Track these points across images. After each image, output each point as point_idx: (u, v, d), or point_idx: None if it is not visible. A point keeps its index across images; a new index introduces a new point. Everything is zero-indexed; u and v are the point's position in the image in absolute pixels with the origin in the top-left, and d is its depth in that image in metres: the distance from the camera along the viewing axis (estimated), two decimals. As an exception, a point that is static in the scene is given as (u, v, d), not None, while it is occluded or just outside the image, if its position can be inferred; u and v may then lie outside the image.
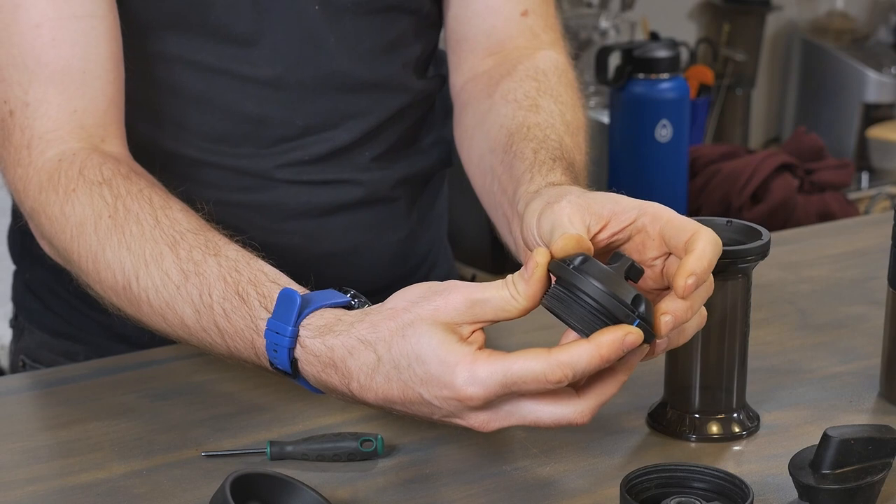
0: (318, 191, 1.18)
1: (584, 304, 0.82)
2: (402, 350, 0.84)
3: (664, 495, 0.84)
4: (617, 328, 0.81)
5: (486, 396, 0.82)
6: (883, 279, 1.03)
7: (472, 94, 1.19)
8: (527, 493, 0.91)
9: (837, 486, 0.85)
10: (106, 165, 1.00)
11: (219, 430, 0.99)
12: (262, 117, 1.14)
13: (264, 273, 0.92)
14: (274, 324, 0.88)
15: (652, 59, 3.03)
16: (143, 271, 0.95)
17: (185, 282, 0.93)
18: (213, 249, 0.94)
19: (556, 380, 0.81)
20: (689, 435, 0.98)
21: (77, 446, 0.97)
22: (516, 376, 0.81)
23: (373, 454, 0.94)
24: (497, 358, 0.82)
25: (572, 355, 0.81)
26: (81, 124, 1.03)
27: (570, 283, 0.82)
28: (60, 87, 1.02)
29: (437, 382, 0.83)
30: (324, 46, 1.13)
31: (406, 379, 0.84)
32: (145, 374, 1.09)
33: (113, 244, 0.96)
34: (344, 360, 0.86)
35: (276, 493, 0.84)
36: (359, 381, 0.86)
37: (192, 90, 1.12)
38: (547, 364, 0.81)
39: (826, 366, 1.10)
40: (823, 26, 3.88)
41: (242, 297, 0.91)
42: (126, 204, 0.97)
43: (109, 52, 1.04)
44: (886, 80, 3.68)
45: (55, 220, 1.00)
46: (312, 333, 0.88)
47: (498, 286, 0.84)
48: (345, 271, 1.21)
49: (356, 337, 0.86)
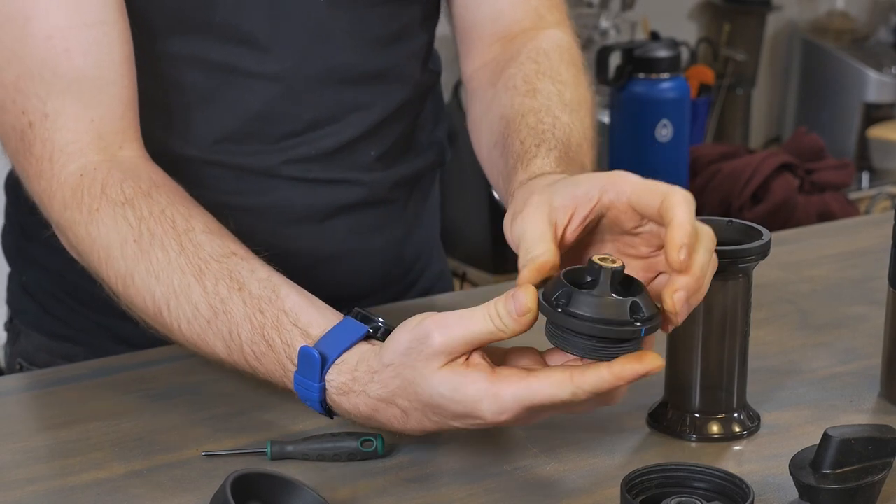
0: (322, 191, 1.18)
1: (586, 339, 0.83)
2: (420, 402, 0.87)
3: (664, 495, 0.84)
4: (636, 359, 0.83)
5: (514, 419, 0.86)
6: (883, 279, 1.03)
7: (479, 83, 1.20)
8: (527, 493, 0.91)
9: (838, 485, 0.85)
10: (127, 182, 1.02)
11: (219, 430, 0.99)
12: (269, 113, 1.14)
13: (285, 313, 0.94)
14: (300, 380, 0.92)
15: (652, 58, 3.03)
16: (173, 302, 0.98)
17: (214, 318, 0.96)
18: (237, 283, 0.96)
19: (578, 403, 0.85)
20: (690, 435, 0.98)
21: (77, 446, 0.97)
22: (540, 401, 0.84)
23: (373, 454, 0.94)
24: (517, 381, 0.84)
25: (595, 384, 0.83)
26: (100, 134, 1.04)
27: (564, 327, 0.83)
28: (77, 97, 1.03)
29: (468, 417, 0.86)
30: (331, 38, 1.13)
31: (437, 420, 0.88)
32: (145, 374, 1.09)
33: (141, 272, 0.99)
34: (372, 415, 0.91)
35: (276, 493, 0.84)
36: (393, 426, 0.91)
37: (199, 89, 1.12)
38: (571, 392, 0.83)
39: (826, 366, 1.10)
40: (824, 26, 3.88)
41: (269, 343, 0.94)
42: (150, 227, 0.99)
43: (122, 56, 1.05)
44: (887, 80, 3.68)
45: (82, 240, 1.02)
46: (336, 391, 0.92)
47: (481, 319, 0.85)
48: (343, 273, 1.21)
49: (374, 398, 0.90)
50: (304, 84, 1.14)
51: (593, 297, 0.82)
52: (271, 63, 1.12)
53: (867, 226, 1.56)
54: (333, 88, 1.15)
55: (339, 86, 1.16)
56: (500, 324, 0.84)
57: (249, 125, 1.14)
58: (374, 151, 1.20)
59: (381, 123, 1.20)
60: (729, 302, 0.96)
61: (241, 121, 1.14)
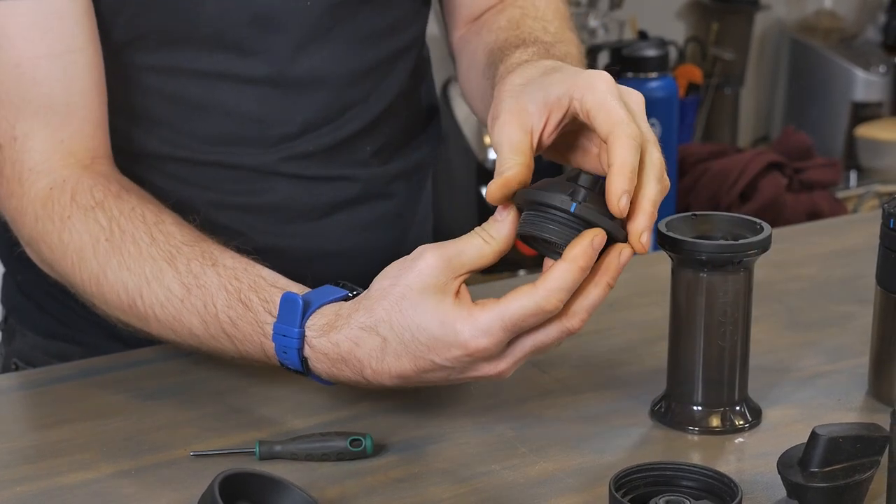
0: (319, 188, 1.18)
1: (544, 214, 0.87)
2: (402, 324, 0.88)
3: (653, 494, 0.84)
4: (582, 237, 0.86)
5: (493, 343, 0.87)
6: (871, 278, 1.03)
7: (466, 40, 1.22)
8: (516, 493, 0.91)
9: (826, 484, 0.85)
10: (96, 188, 1.03)
11: (207, 430, 0.99)
12: (262, 116, 1.14)
13: (262, 278, 0.96)
14: (280, 327, 0.93)
15: (640, 58, 3.03)
16: (145, 289, 0.99)
17: (188, 294, 0.97)
18: (211, 260, 0.98)
19: (553, 307, 0.87)
20: (692, 428, 0.98)
21: (65, 446, 0.97)
22: (516, 316, 0.86)
23: (362, 453, 0.94)
24: (491, 305, 0.87)
25: (557, 278, 0.86)
26: (69, 151, 1.05)
27: (528, 200, 0.88)
28: (45, 121, 1.04)
29: (444, 344, 0.88)
30: (321, 38, 1.13)
31: (414, 351, 0.89)
32: (134, 373, 1.09)
33: (113, 266, 1.00)
34: (351, 351, 0.91)
35: (265, 492, 0.84)
36: (371, 367, 0.91)
37: (190, 97, 1.12)
38: (540, 296, 0.86)
39: (815, 364, 1.10)
40: (812, 25, 3.88)
41: (246, 304, 0.95)
42: (121, 225, 1.00)
43: (92, 82, 1.06)
44: (874, 79, 3.69)
45: (55, 248, 1.03)
46: (317, 333, 0.92)
47: (468, 237, 0.89)
48: (341, 271, 1.21)
49: (357, 326, 0.90)
50: (295, 85, 1.14)
51: (557, 180, 0.89)
52: (260, 67, 1.12)
53: (855, 225, 1.56)
54: (326, 88, 1.15)
55: (332, 85, 1.15)
56: (487, 235, 0.89)
57: (243, 129, 1.14)
58: (370, 147, 1.20)
59: (377, 119, 1.20)
60: (731, 296, 0.96)
61: (234, 125, 1.14)
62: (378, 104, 1.19)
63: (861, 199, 3.39)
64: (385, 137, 1.21)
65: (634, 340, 1.14)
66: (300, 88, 1.14)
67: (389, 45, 1.18)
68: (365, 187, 1.21)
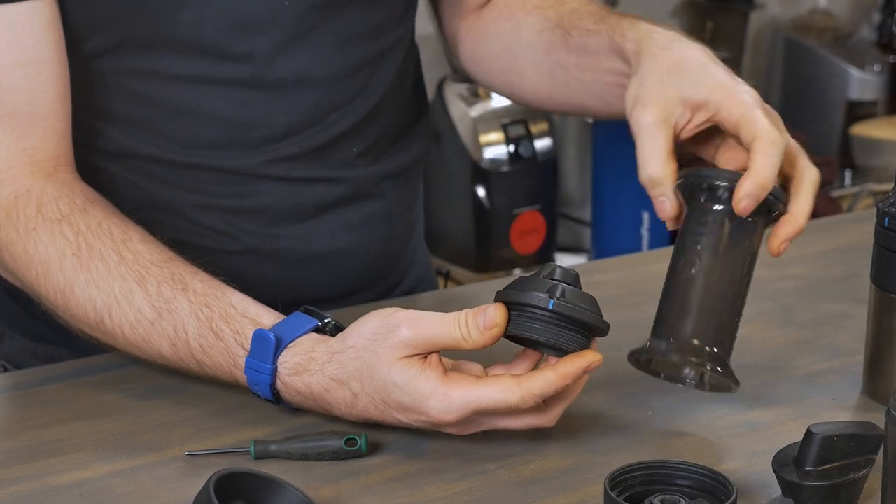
0: (306, 190, 1.18)
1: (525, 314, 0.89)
2: (372, 387, 0.92)
3: (648, 493, 0.84)
4: (577, 356, 0.90)
5: (459, 420, 0.91)
6: (866, 277, 1.03)
7: (485, 23, 1.24)
8: (511, 492, 0.91)
9: (820, 482, 0.85)
10: (62, 199, 1.04)
11: (202, 429, 0.99)
12: (246, 119, 1.14)
13: (233, 306, 0.99)
14: (252, 363, 0.96)
15: (635, 56, 3.02)
16: (115, 308, 1.01)
17: (158, 318, 0.99)
18: (181, 284, 1.00)
19: (527, 407, 0.90)
20: (662, 374, 1.00)
21: (59, 446, 0.97)
22: (489, 405, 0.90)
23: (357, 453, 0.94)
24: (467, 385, 0.90)
25: (541, 386, 0.89)
26: (32, 160, 1.06)
27: (515, 302, 0.90)
28: (9, 129, 1.05)
29: (414, 411, 0.91)
30: (304, 39, 1.12)
31: (383, 409, 0.93)
32: (128, 373, 1.08)
33: (81, 283, 1.01)
34: (322, 395, 0.95)
35: (260, 492, 0.84)
36: (340, 410, 0.95)
37: (171, 102, 1.12)
38: (518, 397, 0.89)
39: (809, 363, 1.10)
40: (806, 24, 3.88)
41: (217, 334, 0.98)
42: (88, 241, 1.02)
43: (56, 93, 1.07)
44: (869, 78, 3.69)
45: (19, 258, 1.04)
46: (290, 371, 0.95)
47: (449, 324, 0.90)
48: (329, 272, 1.21)
49: (329, 377, 0.94)
50: (278, 87, 1.13)
51: (532, 278, 0.91)
52: (240, 70, 1.11)
53: (850, 223, 1.56)
54: (310, 89, 1.15)
55: (316, 86, 1.15)
56: (466, 333, 0.90)
57: (227, 132, 1.14)
58: (357, 148, 1.20)
59: (363, 120, 1.19)
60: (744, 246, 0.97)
61: (217, 128, 1.13)
62: (364, 105, 1.18)
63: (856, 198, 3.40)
64: (372, 138, 1.21)
65: (630, 339, 1.14)
66: (283, 90, 1.13)
67: (374, 45, 1.18)
68: (353, 188, 1.20)
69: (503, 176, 2.45)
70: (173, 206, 1.13)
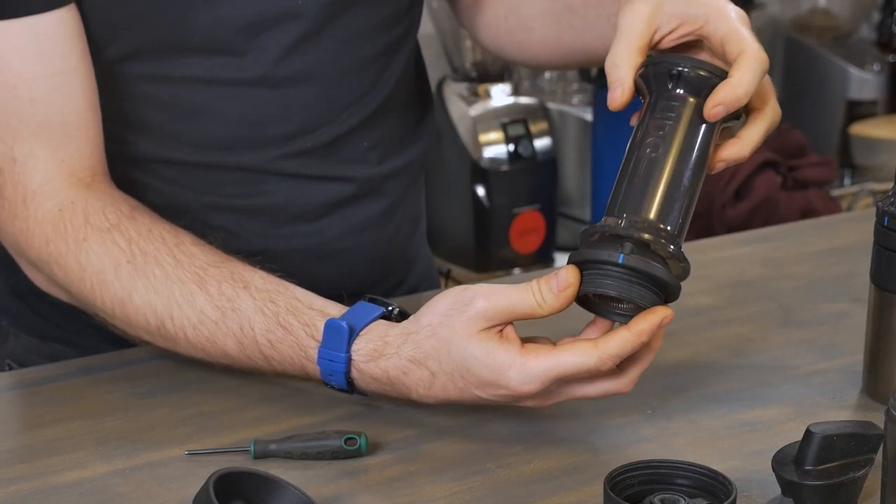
0: (315, 188, 1.18)
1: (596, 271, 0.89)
2: (451, 364, 0.91)
3: (648, 492, 0.84)
4: (654, 312, 0.89)
5: (539, 390, 0.90)
6: (865, 276, 1.03)
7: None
8: (511, 491, 0.91)
9: (820, 482, 0.85)
10: (108, 209, 1.04)
11: (202, 429, 0.99)
12: (258, 118, 1.14)
13: (298, 300, 0.99)
14: (326, 352, 0.96)
15: (635, 56, 3.02)
16: (176, 311, 1.00)
17: (222, 318, 0.99)
18: (242, 281, 1.00)
19: (606, 370, 0.90)
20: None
21: (59, 445, 0.97)
22: (569, 371, 0.90)
23: (357, 452, 0.94)
24: (545, 353, 0.90)
25: (618, 346, 0.89)
26: (70, 171, 1.06)
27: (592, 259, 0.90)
28: (44, 141, 1.05)
29: (494, 385, 0.91)
30: (314, 37, 1.13)
31: (462, 386, 0.92)
32: (128, 372, 1.08)
33: (139, 290, 1.01)
34: (399, 378, 0.94)
35: (259, 491, 0.84)
36: (418, 392, 0.95)
37: (183, 103, 1.12)
38: (596, 359, 0.89)
39: (809, 362, 1.11)
40: (806, 24, 3.89)
41: (286, 328, 0.98)
42: (141, 247, 1.02)
43: (86, 101, 1.07)
44: (869, 78, 3.69)
45: (71, 270, 1.04)
46: (365, 358, 0.95)
47: (523, 292, 0.91)
48: (336, 271, 1.21)
49: (406, 358, 0.94)
50: (289, 85, 1.13)
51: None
52: (252, 69, 1.11)
53: (849, 223, 1.56)
54: (321, 86, 1.15)
55: (326, 82, 1.15)
56: (541, 298, 0.90)
57: (238, 131, 1.14)
58: (367, 142, 1.20)
59: (373, 114, 1.19)
60: (706, 138, 0.95)
61: (228, 128, 1.14)
62: (374, 100, 1.19)
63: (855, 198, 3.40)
64: (381, 133, 1.21)
65: (629, 339, 1.14)
66: (294, 88, 1.14)
67: (383, 39, 1.18)
68: (360, 186, 1.20)
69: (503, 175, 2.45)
70: (184, 207, 1.13)
